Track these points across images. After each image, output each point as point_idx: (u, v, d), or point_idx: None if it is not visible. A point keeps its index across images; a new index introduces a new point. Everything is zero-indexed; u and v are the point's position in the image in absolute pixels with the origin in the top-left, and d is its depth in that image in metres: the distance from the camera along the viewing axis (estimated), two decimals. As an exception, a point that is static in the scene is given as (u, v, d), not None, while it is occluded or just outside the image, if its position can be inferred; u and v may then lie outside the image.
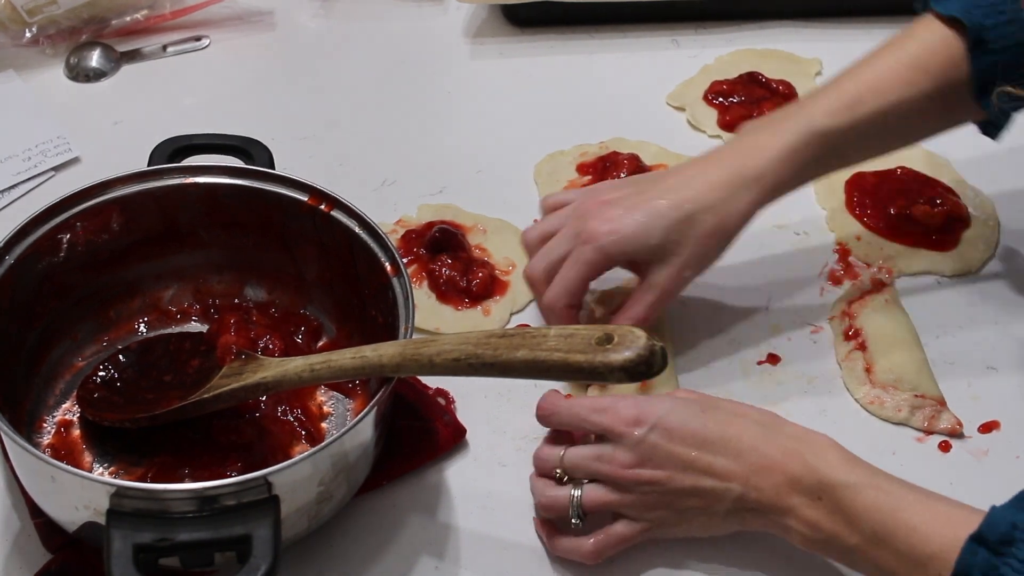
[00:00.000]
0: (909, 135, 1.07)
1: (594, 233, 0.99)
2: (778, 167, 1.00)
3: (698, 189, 1.00)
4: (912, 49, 1.02)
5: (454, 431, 0.99)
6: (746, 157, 1.01)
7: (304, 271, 1.04)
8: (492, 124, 1.30)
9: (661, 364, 0.81)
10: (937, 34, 1.02)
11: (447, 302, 1.10)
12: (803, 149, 1.00)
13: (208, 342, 1.00)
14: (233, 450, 0.93)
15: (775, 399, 1.03)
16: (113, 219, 0.99)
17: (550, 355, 0.81)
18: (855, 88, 1.01)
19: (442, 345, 0.85)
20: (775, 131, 1.01)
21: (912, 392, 1.03)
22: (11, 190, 1.19)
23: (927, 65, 1.01)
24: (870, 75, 1.02)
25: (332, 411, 0.99)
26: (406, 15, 1.43)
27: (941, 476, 0.98)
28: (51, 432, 0.96)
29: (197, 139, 1.04)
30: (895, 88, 1.01)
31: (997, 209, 1.19)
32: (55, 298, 0.98)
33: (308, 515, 0.86)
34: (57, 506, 0.86)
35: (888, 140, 1.05)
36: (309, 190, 0.99)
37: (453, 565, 0.92)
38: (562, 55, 1.38)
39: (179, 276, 1.04)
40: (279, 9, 1.42)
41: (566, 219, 1.03)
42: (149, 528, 0.79)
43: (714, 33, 1.40)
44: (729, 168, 1.00)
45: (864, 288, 1.11)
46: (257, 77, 1.35)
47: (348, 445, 0.86)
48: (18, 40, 1.33)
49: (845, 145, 1.02)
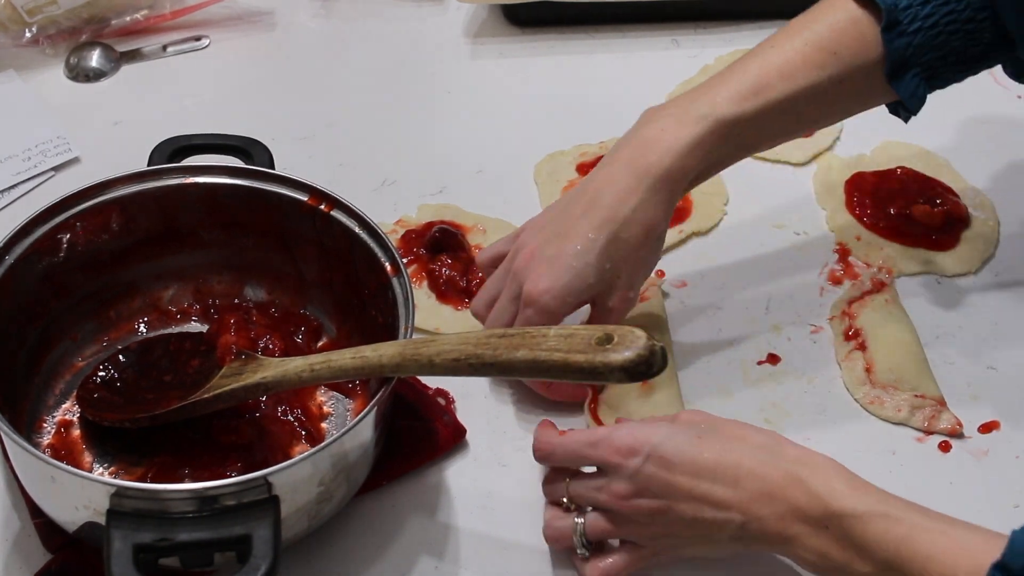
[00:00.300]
0: (818, 119, 1.04)
1: (531, 295, 0.95)
2: (685, 162, 0.96)
3: (611, 204, 0.96)
4: (820, 30, 0.98)
5: (454, 431, 0.99)
6: (651, 152, 0.96)
7: (304, 271, 1.04)
8: (492, 124, 1.29)
9: (661, 364, 0.81)
10: (847, 14, 0.98)
11: (447, 302, 1.10)
12: (708, 139, 0.96)
13: (208, 342, 1.00)
14: (233, 450, 0.93)
15: (775, 399, 1.04)
16: (113, 219, 0.99)
17: (550, 355, 0.81)
18: (762, 72, 0.97)
19: (442, 345, 0.85)
20: (679, 120, 0.97)
21: (912, 392, 1.03)
22: (11, 190, 1.19)
23: (837, 47, 0.97)
24: (777, 58, 0.98)
25: (332, 411, 0.99)
26: (406, 15, 1.43)
27: (941, 476, 0.98)
28: (51, 432, 0.96)
29: (197, 139, 1.04)
30: (804, 72, 0.97)
31: (997, 209, 1.19)
32: (55, 298, 0.98)
33: (308, 515, 0.86)
34: (57, 506, 0.86)
35: (796, 125, 1.01)
36: (309, 190, 0.99)
37: (453, 565, 0.92)
38: (562, 55, 1.38)
39: (179, 276, 1.05)
40: (279, 9, 1.42)
41: (503, 280, 0.99)
42: (149, 528, 0.79)
43: (714, 33, 1.40)
44: (635, 170, 0.96)
45: (864, 288, 1.11)
46: (257, 77, 1.35)
47: (348, 445, 0.86)
48: (18, 40, 1.33)
49: (752, 132, 0.98)
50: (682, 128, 0.96)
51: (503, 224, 1.17)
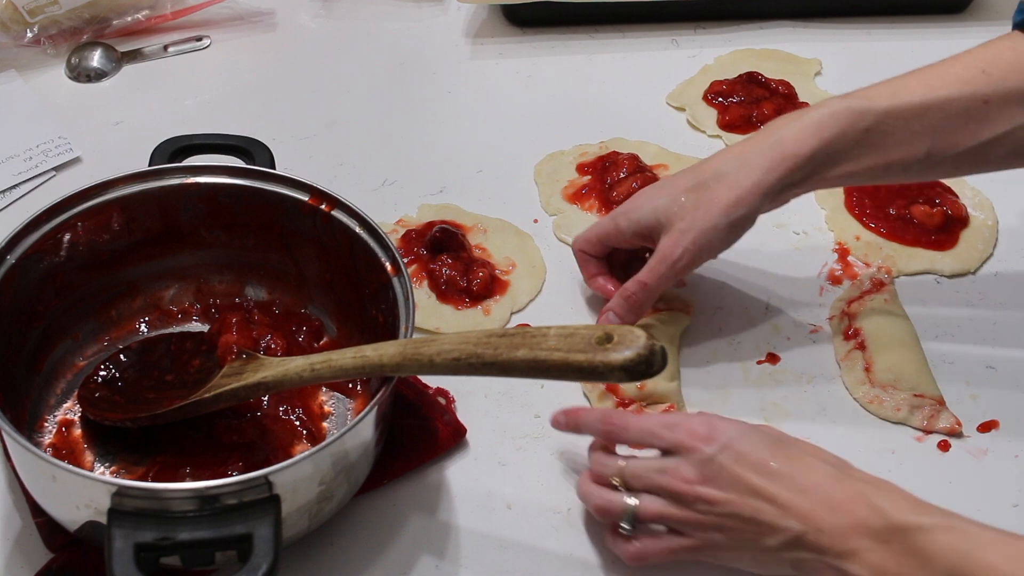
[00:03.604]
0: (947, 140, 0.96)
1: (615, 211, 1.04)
2: (798, 136, 0.95)
3: (718, 160, 0.99)
4: (978, 52, 0.96)
5: (454, 431, 0.99)
6: (775, 127, 0.98)
7: (305, 271, 1.04)
8: (492, 124, 1.30)
9: (661, 364, 0.81)
10: (1012, 41, 0.96)
11: (447, 302, 1.10)
12: (829, 122, 0.95)
13: (209, 342, 1.00)
14: (234, 449, 0.93)
15: (775, 399, 1.04)
16: (114, 219, 0.99)
17: (550, 355, 0.81)
18: (907, 79, 0.96)
19: (442, 345, 0.85)
20: (816, 105, 0.98)
21: (911, 391, 1.03)
22: (12, 190, 1.20)
23: (988, 66, 0.95)
24: (927, 71, 0.97)
25: (333, 411, 0.99)
26: (406, 15, 1.43)
27: (940, 475, 0.98)
28: (52, 431, 0.96)
29: (198, 139, 1.04)
30: (948, 84, 0.95)
31: (996, 209, 1.19)
32: (56, 298, 0.98)
33: (309, 514, 0.86)
34: (58, 505, 0.87)
35: (922, 139, 0.96)
36: (310, 190, 0.99)
37: (453, 565, 0.92)
38: (562, 55, 1.38)
39: (180, 276, 1.05)
40: (279, 9, 1.42)
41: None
42: (150, 527, 0.79)
43: (714, 33, 1.41)
44: (755, 139, 0.98)
45: (863, 288, 1.11)
46: (257, 77, 1.35)
47: (349, 444, 0.86)
48: (19, 40, 1.33)
49: (877, 130, 0.95)
50: (813, 111, 0.97)
51: (503, 224, 1.17)
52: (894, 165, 0.97)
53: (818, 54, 1.37)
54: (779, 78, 1.32)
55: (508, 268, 1.13)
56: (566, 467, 0.98)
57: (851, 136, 0.96)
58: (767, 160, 0.96)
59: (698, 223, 0.98)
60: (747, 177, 0.96)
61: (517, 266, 1.13)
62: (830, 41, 1.40)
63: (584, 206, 1.19)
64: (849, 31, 1.41)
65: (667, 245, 0.99)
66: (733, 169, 0.97)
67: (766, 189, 0.97)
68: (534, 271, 1.13)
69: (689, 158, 1.24)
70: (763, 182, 0.96)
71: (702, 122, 1.29)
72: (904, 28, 1.41)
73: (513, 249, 1.14)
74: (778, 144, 0.96)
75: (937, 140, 0.96)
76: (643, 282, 1.00)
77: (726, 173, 0.97)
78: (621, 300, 1.02)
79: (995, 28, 1.37)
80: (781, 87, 1.30)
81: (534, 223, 1.18)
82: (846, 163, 0.97)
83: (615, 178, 1.19)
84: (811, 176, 0.97)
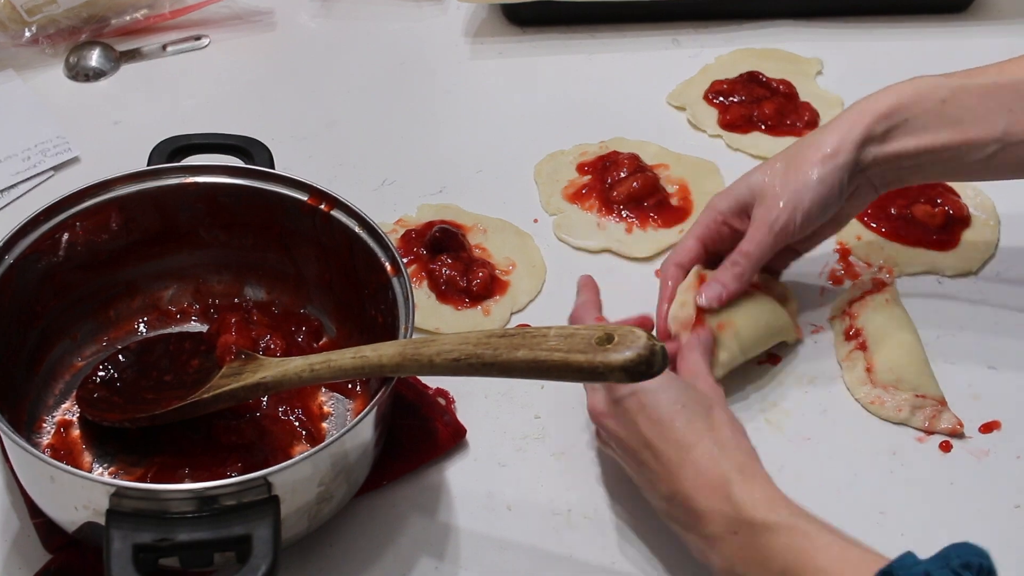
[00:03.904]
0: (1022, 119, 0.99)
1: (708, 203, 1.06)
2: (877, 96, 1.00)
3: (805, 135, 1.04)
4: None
5: (454, 431, 0.99)
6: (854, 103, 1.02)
7: (304, 271, 1.04)
8: (492, 124, 1.29)
9: (661, 364, 0.80)
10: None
11: (447, 302, 1.09)
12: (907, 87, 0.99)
13: (208, 342, 1.00)
14: (233, 450, 0.93)
15: (775, 399, 1.03)
16: (113, 219, 0.99)
17: (550, 355, 0.81)
18: (979, 68, 1.00)
19: (442, 345, 0.84)
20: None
21: (913, 392, 1.02)
22: (11, 190, 1.19)
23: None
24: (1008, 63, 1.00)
25: (332, 411, 0.99)
26: (406, 15, 1.43)
27: (941, 476, 0.98)
28: (51, 432, 0.96)
29: (197, 139, 1.04)
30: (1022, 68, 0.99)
31: (997, 209, 1.19)
32: (55, 298, 0.98)
33: (308, 515, 0.86)
34: (57, 506, 0.86)
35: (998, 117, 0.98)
36: (309, 190, 0.99)
37: (453, 565, 0.92)
38: (562, 55, 1.38)
39: (179, 276, 1.04)
40: (279, 9, 1.42)
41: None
42: (149, 528, 0.79)
43: (714, 33, 1.40)
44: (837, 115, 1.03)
45: (865, 288, 1.10)
46: (257, 77, 1.35)
47: (348, 445, 0.86)
48: (18, 39, 1.33)
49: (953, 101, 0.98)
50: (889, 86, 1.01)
51: (503, 224, 1.17)
52: (973, 145, 0.99)
53: (819, 53, 1.37)
54: (780, 78, 1.31)
55: (508, 268, 1.13)
56: (566, 468, 0.98)
57: (928, 103, 0.99)
58: (847, 121, 1.01)
59: (789, 184, 1.01)
60: (831, 135, 1.01)
61: (517, 266, 1.13)
62: (831, 40, 1.40)
63: (584, 206, 1.19)
64: (850, 31, 1.41)
65: (762, 212, 1.01)
66: (818, 134, 1.02)
67: (850, 143, 1.00)
68: (534, 271, 1.13)
69: (689, 158, 1.23)
70: (846, 138, 1.00)
71: (703, 122, 1.29)
72: (906, 28, 1.41)
73: (513, 249, 1.14)
74: (856, 107, 1.01)
75: (1013, 119, 0.99)
76: (746, 251, 1.02)
77: (812, 139, 1.02)
78: (727, 268, 1.02)
79: (997, 28, 1.37)
80: (782, 87, 1.30)
81: (534, 223, 1.18)
82: (924, 133, 1.00)
83: (615, 178, 1.19)
84: (892, 132, 1.00)
